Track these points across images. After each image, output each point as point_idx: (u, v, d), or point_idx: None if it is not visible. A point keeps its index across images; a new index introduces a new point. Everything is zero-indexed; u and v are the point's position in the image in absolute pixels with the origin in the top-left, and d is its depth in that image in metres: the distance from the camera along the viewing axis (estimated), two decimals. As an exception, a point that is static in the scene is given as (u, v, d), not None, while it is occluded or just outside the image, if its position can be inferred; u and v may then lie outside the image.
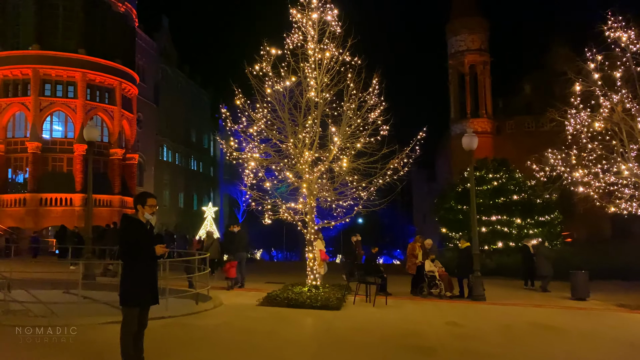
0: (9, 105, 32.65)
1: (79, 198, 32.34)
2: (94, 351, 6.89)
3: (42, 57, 32.33)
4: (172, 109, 52.15)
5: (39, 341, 7.42)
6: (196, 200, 60.57)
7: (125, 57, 36.27)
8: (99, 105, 34.17)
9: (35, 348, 6.92)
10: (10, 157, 32.81)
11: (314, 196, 13.38)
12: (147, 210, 5.73)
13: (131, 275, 5.48)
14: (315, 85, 13.07)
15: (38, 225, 31.67)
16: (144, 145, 42.25)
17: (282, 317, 9.87)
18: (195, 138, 61.97)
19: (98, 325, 8.26)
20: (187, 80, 58.87)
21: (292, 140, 13.10)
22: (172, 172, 52.81)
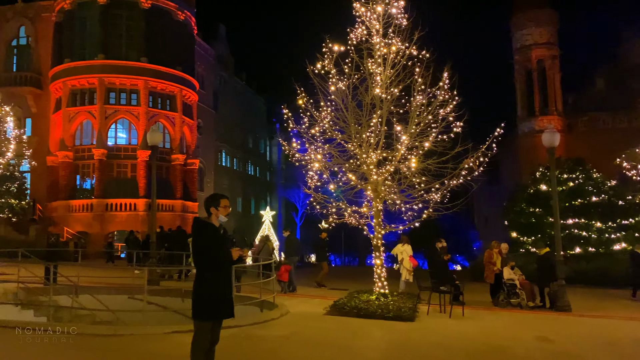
0: (76, 114, 33.87)
1: (143, 203, 33.04)
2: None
3: (106, 66, 33.35)
4: (230, 115, 52.88)
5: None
6: (254, 205, 61.13)
7: (185, 64, 36.91)
8: (160, 112, 34.88)
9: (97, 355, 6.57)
10: (79, 164, 34.01)
11: (381, 199, 12.65)
12: (221, 212, 5.22)
13: (205, 284, 4.96)
14: (380, 81, 12.38)
15: (104, 230, 32.60)
16: (203, 151, 42.88)
17: (353, 328, 9.18)
18: (252, 143, 62.65)
19: (163, 336, 7.86)
20: (244, 86, 59.68)
21: (357, 141, 12.45)
22: (231, 177, 53.48)
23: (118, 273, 15.94)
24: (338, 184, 12.85)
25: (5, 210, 29.15)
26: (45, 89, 36.11)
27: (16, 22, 37.61)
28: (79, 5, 34.34)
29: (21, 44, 38.01)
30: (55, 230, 32.24)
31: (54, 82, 34.57)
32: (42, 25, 36.90)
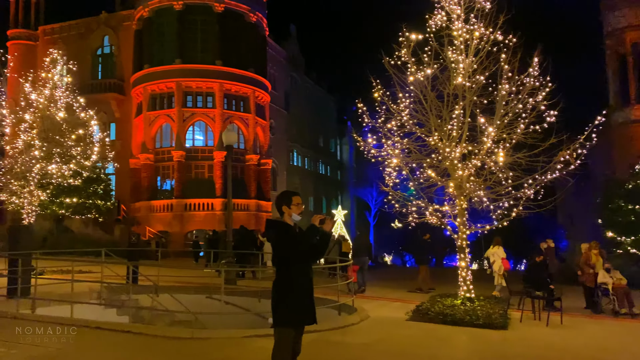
0: (156, 117, 35.23)
1: (219, 203, 33.76)
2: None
3: (183, 70, 34.41)
4: (301, 115, 53.12)
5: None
6: (325, 204, 61.14)
7: (257, 65, 37.35)
8: (235, 114, 35.50)
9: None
10: (159, 165, 35.36)
11: (465, 196, 11.77)
12: (294, 210, 4.78)
13: (285, 288, 4.54)
14: (462, 70, 11.52)
15: (184, 229, 33.65)
16: (276, 151, 43.28)
17: (440, 337, 8.46)
18: (323, 143, 62.67)
19: (241, 340, 7.56)
20: (315, 86, 59.79)
21: (438, 134, 11.66)
22: (302, 176, 53.72)
23: (196, 272, 16.09)
24: (418, 181, 12.13)
25: (92, 210, 30.78)
26: (128, 95, 37.89)
27: (100, 32, 39.79)
28: (157, 13, 35.68)
29: (105, 52, 40.16)
30: (138, 229, 33.69)
31: (135, 87, 36.16)
32: (123, 34, 38.76)
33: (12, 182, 16.35)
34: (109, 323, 7.82)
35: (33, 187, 16.22)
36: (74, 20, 40.47)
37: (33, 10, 41.32)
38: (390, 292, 14.54)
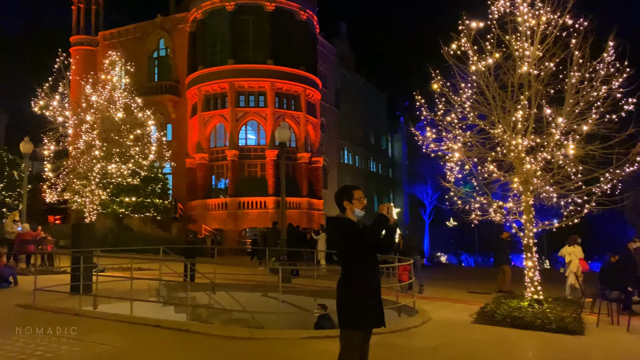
0: (210, 117, 35.84)
1: (272, 201, 33.94)
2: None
3: (236, 71, 34.81)
4: (351, 112, 52.73)
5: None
6: (376, 202, 60.41)
7: (308, 63, 37.28)
8: (286, 112, 35.58)
9: None
10: (213, 165, 35.96)
11: (532, 192, 11.08)
12: (356, 205, 4.45)
13: (352, 288, 4.22)
14: (528, 57, 10.83)
15: (238, 227, 34.06)
16: (327, 149, 43.12)
17: (510, 341, 7.91)
18: (374, 140, 62.02)
19: (299, 341, 7.32)
20: (365, 83, 59.23)
21: (502, 126, 11.02)
22: (353, 174, 53.29)
23: (252, 270, 16.06)
24: (481, 177, 11.52)
25: (151, 209, 31.65)
26: (183, 96, 38.75)
27: (156, 36, 40.92)
28: (210, 15, 36.26)
29: (161, 55, 41.27)
30: (194, 227, 34.40)
31: (190, 88, 36.91)
32: (178, 37, 39.67)
33: (75, 182, 16.91)
34: (168, 321, 7.77)
35: (94, 187, 16.70)
36: (131, 25, 41.84)
37: (93, 16, 43.04)
38: (450, 293, 13.96)
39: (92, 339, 6.73)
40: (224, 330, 7.83)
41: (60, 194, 16.82)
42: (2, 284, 11.23)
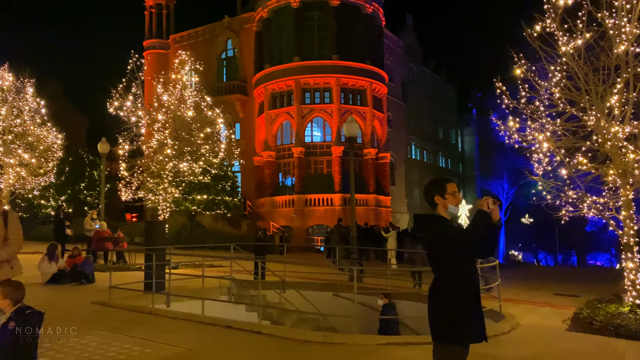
0: (277, 115, 36.01)
1: (339, 198, 33.59)
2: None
3: (301, 67, 34.72)
4: (419, 106, 51.39)
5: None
6: (446, 199, 58.57)
7: (374, 57, 36.56)
8: (352, 108, 35.06)
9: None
10: (280, 162, 36.12)
11: (632, 185, 9.91)
12: (449, 200, 3.83)
13: (449, 296, 3.63)
14: (626, 36, 9.67)
15: (305, 224, 33.99)
16: (394, 144, 42.18)
17: (618, 355, 6.97)
18: (443, 134, 60.20)
19: (377, 348, 6.80)
20: (433, 75, 57.61)
21: (596, 112, 9.92)
22: (421, 170, 51.94)
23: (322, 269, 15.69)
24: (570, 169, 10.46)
25: (221, 206, 32.22)
26: (250, 95, 39.23)
27: (224, 36, 41.69)
28: (275, 13, 36.38)
29: (229, 55, 42.00)
30: (263, 224, 34.70)
31: (257, 87, 37.27)
32: (244, 37, 40.19)
33: (149, 180, 17.29)
34: (239, 322, 7.51)
35: (167, 185, 16.99)
36: (200, 27, 42.89)
37: (164, 20, 44.50)
38: (533, 295, 12.89)
39: (163, 340, 6.56)
40: (296, 333, 7.46)
41: (135, 192, 17.26)
42: (81, 280, 11.53)
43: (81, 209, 33.90)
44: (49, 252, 11.78)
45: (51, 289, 10.64)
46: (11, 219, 4.76)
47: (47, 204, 35.33)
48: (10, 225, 4.72)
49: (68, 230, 17.62)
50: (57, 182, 34.25)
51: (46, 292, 10.31)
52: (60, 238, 17.59)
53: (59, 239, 17.45)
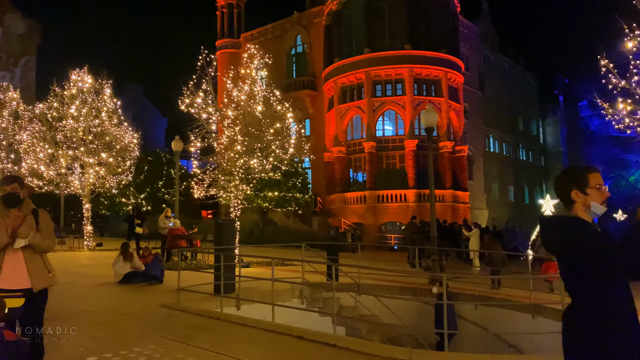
0: (347, 110, 35.21)
1: (413, 194, 32.30)
2: None
3: (372, 59, 33.67)
4: (497, 96, 48.73)
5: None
6: (527, 194, 55.36)
7: (449, 45, 34.80)
8: (425, 99, 33.52)
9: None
10: (351, 157, 35.32)
11: None
12: (593, 197, 2.79)
13: (600, 324, 2.64)
14: None
15: (377, 221, 32.99)
16: (471, 137, 40.12)
17: None
18: (523, 125, 56.85)
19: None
20: (511, 64, 54.50)
21: None
22: (500, 163, 49.27)
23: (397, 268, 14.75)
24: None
25: (292, 203, 31.92)
26: (320, 90, 38.73)
27: (293, 32, 41.47)
28: (345, 4, 35.54)
29: (298, 51, 41.74)
30: (334, 221, 34.08)
31: (326, 82, 36.66)
32: (314, 31, 39.72)
33: (220, 178, 17.09)
34: (312, 333, 6.78)
35: (238, 182, 16.70)
36: (270, 24, 42.94)
37: (236, 19, 45.00)
38: None
39: (230, 351, 5.96)
40: (377, 348, 6.62)
41: (207, 189, 17.14)
42: (151, 280, 11.35)
43: (159, 206, 34.98)
44: (122, 251, 11.71)
45: (123, 289, 10.50)
46: (42, 218, 4.42)
47: (127, 201, 36.74)
48: (42, 222, 4.37)
49: (139, 228, 17.92)
50: (136, 180, 35.57)
51: (118, 293, 10.16)
52: (130, 236, 17.95)
53: (130, 236, 17.80)
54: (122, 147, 21.63)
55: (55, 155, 20.51)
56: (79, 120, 20.54)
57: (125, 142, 21.64)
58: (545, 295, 11.44)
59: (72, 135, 20.44)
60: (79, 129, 20.52)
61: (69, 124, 20.37)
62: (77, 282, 11.29)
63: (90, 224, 21.75)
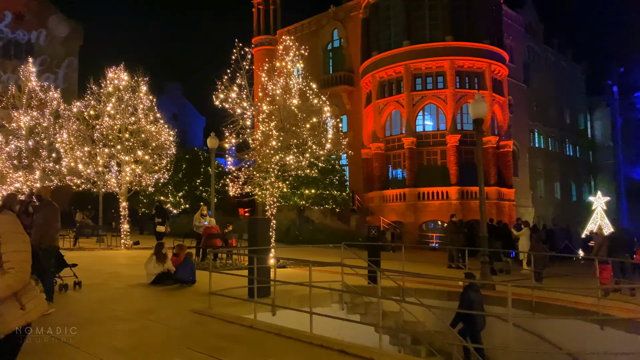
0: (385, 105, 34.20)
1: (455, 191, 31.04)
2: None
3: (411, 52, 32.54)
4: (541, 89, 46.65)
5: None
6: (574, 191, 52.85)
7: (492, 36, 33.29)
8: (468, 92, 32.19)
9: None
10: (390, 154, 34.29)
11: None
12: None
13: None
14: None
15: (417, 219, 31.90)
16: (515, 131, 38.40)
17: None
18: (569, 119, 54.29)
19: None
20: (557, 55, 52.11)
21: None
22: (545, 159, 47.17)
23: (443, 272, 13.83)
24: None
25: (330, 201, 31.21)
26: (357, 86, 37.84)
27: (330, 27, 40.71)
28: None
29: (335, 46, 40.96)
30: (372, 220, 33.20)
31: (364, 77, 35.76)
32: (351, 25, 38.85)
33: (255, 175, 16.54)
34: (355, 347, 6.04)
35: (274, 179, 16.10)
36: (306, 19, 42.31)
37: (272, 16, 44.60)
38: None
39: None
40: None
41: (243, 187, 16.60)
42: (182, 283, 10.85)
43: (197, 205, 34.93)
44: (155, 251, 11.26)
45: (153, 292, 10.00)
46: (5, 232, 3.04)
47: (166, 199, 36.90)
48: (6, 242, 3.00)
49: (160, 227, 17.61)
50: (174, 178, 35.65)
51: (148, 295, 9.67)
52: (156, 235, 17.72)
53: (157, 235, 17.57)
54: (158, 145, 21.43)
55: (92, 153, 20.45)
56: (115, 117, 20.42)
57: (161, 139, 21.42)
58: (610, 302, 10.33)
59: (109, 133, 20.34)
60: (115, 126, 20.41)
61: (105, 122, 20.27)
62: (109, 284, 10.91)
63: (127, 223, 21.63)
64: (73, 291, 9.63)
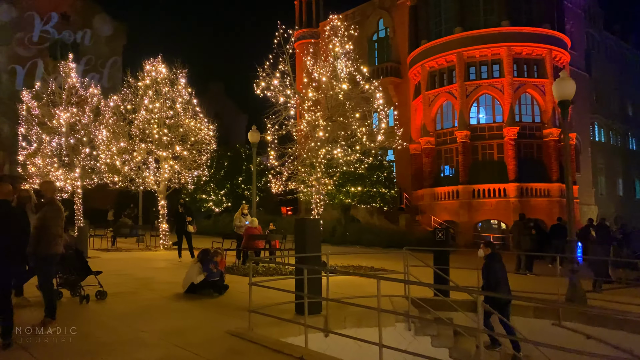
0: (436, 96, 32.13)
1: (513, 188, 28.68)
2: None
3: (464, 39, 30.33)
4: (602, 78, 43.32)
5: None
6: (638, 187, 49.13)
7: (553, 20, 30.70)
8: (527, 81, 29.74)
9: None
10: (441, 149, 32.21)
11: None
12: None
13: None
14: None
15: (472, 219, 29.70)
16: (576, 124, 35.48)
17: None
18: (633, 112, 50.44)
19: None
20: (619, 42, 48.44)
21: None
22: (607, 153, 43.86)
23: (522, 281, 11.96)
24: None
25: (377, 199, 29.47)
26: (404, 77, 35.91)
27: (375, 17, 38.89)
28: (432, -18, 32.49)
29: (380, 36, 39.09)
30: (423, 219, 31.23)
31: (412, 67, 33.80)
32: (398, 14, 36.90)
33: (300, 170, 15.08)
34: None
35: (320, 175, 14.58)
36: (350, 10, 40.60)
37: (314, 8, 43.15)
38: None
39: None
40: None
41: (285, 183, 15.17)
42: (220, 290, 9.46)
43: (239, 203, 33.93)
44: (200, 258, 9.82)
45: (186, 306, 8.54)
46: None
47: (208, 198, 36.09)
48: None
49: (190, 226, 16.56)
50: (216, 176, 34.75)
51: (179, 310, 8.22)
52: (179, 234, 16.73)
53: (179, 235, 16.58)
54: (198, 140, 20.33)
55: (128, 150, 19.52)
56: (152, 111, 19.42)
57: (201, 135, 20.32)
58: None
59: (146, 127, 19.35)
60: (152, 120, 19.40)
61: (141, 116, 19.29)
62: (138, 293, 9.64)
63: (167, 222, 20.64)
64: (95, 302, 8.38)
